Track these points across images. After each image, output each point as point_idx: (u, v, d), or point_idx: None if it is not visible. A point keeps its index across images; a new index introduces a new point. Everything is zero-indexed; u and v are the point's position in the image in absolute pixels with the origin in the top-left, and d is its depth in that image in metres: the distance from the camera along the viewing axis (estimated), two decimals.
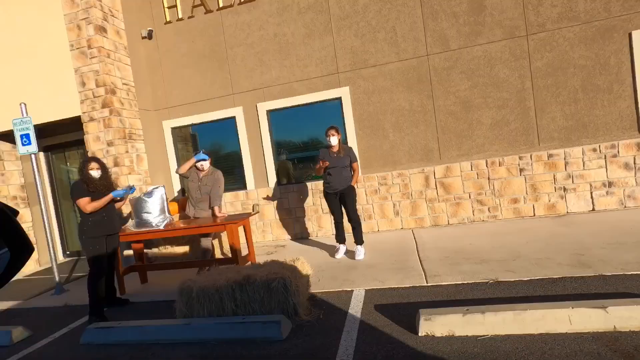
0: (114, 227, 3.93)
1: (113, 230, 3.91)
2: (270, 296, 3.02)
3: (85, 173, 3.78)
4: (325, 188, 4.57)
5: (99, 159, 3.99)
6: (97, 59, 5.52)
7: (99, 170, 3.85)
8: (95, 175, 3.80)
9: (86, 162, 3.85)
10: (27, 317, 4.19)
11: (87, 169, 3.80)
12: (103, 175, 3.87)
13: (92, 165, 3.82)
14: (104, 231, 3.81)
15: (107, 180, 3.92)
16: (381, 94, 5.59)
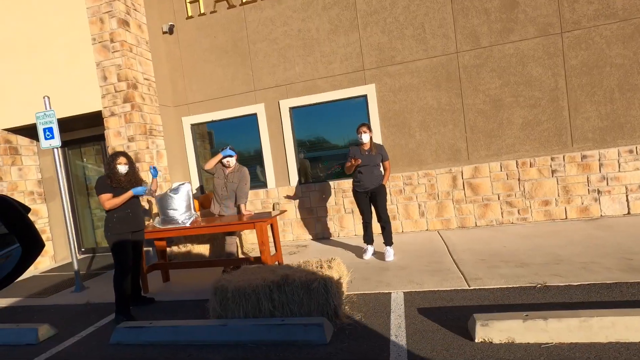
0: (139, 224, 3.80)
1: (138, 226, 3.79)
2: (309, 297, 2.90)
3: (112, 167, 3.67)
4: (355, 187, 4.45)
5: (128, 154, 3.88)
6: (120, 53, 5.43)
7: (127, 165, 3.73)
8: (122, 170, 3.69)
9: (115, 156, 3.74)
10: (49, 314, 4.09)
11: (115, 162, 3.69)
12: (130, 171, 3.75)
13: (120, 160, 3.72)
14: (129, 227, 3.69)
15: (134, 176, 3.79)
16: (408, 92, 5.47)
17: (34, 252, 0.65)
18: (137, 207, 3.82)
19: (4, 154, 6.15)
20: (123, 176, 3.69)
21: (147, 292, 4.29)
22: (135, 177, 3.81)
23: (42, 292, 4.97)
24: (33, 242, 0.66)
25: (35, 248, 0.65)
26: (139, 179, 3.86)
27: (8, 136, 6.25)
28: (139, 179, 3.86)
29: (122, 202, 3.63)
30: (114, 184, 3.64)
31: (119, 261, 3.63)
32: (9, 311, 4.35)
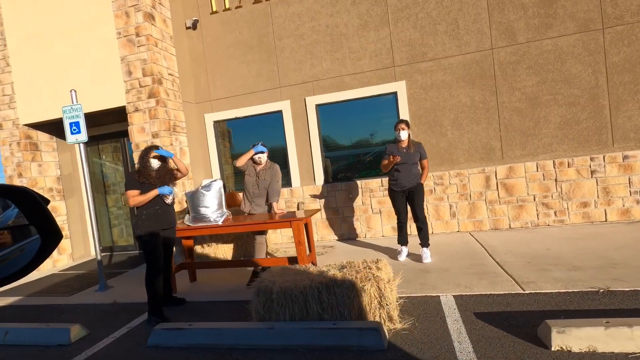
0: (169, 221, 3.62)
1: (169, 224, 3.61)
2: (360, 300, 2.74)
3: (145, 161, 3.51)
4: (392, 185, 4.30)
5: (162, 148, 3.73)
6: (145, 47, 5.32)
7: (159, 160, 3.59)
8: (154, 165, 3.52)
9: (148, 150, 3.58)
10: (75, 313, 3.96)
11: (148, 156, 3.53)
12: (162, 166, 3.58)
13: (154, 154, 3.56)
14: (159, 225, 3.50)
15: (165, 173, 3.59)
16: (440, 89, 5.32)
17: (53, 243, 0.65)
18: (167, 204, 3.64)
19: (24, 150, 6.05)
20: (154, 172, 3.52)
21: (174, 292, 4.15)
22: (167, 175, 3.62)
23: (65, 291, 4.84)
24: (52, 233, 0.66)
25: (54, 239, 0.65)
26: (170, 177, 3.65)
27: (29, 132, 6.15)
28: (170, 177, 3.65)
29: (146, 200, 3.45)
30: (142, 179, 3.46)
31: (149, 260, 3.48)
32: (33, 310, 4.23)
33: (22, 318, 3.97)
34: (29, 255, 0.65)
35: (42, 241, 0.66)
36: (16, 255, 0.66)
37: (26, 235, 0.67)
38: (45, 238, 0.66)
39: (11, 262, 0.66)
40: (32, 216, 0.66)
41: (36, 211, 0.66)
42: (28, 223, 0.66)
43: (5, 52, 5.95)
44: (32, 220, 0.66)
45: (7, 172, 6.15)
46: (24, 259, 0.65)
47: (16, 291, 5.09)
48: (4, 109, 6.06)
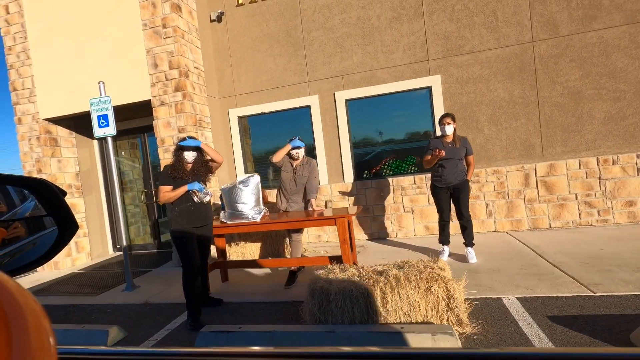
0: (203, 218, 3.36)
1: (203, 221, 3.36)
2: (426, 301, 2.56)
3: (179, 154, 3.29)
4: (436, 182, 4.11)
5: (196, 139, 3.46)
6: (172, 39, 5.15)
7: (195, 152, 3.33)
8: (189, 158, 3.29)
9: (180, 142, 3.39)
10: (106, 314, 3.78)
11: (183, 148, 3.31)
12: (197, 160, 3.35)
13: (187, 147, 3.31)
14: (192, 222, 3.28)
15: (201, 167, 3.35)
16: (477, 84, 5.13)
17: (70, 233, 0.67)
18: (203, 204, 3.37)
19: (44, 145, 5.89)
20: (189, 165, 3.31)
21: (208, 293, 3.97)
22: (202, 167, 3.38)
23: (90, 290, 4.66)
24: (69, 224, 0.67)
25: (71, 230, 0.67)
26: (205, 169, 3.40)
27: (48, 126, 5.98)
28: (205, 169, 3.40)
29: (176, 196, 3.22)
30: (175, 173, 3.25)
31: (184, 260, 3.27)
32: (61, 309, 4.05)
33: (52, 318, 3.79)
34: (46, 245, 0.66)
35: (59, 232, 0.67)
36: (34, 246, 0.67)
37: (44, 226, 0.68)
38: (62, 229, 0.67)
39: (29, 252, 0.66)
40: (50, 207, 0.67)
41: (54, 202, 0.66)
42: (46, 214, 0.67)
43: (25, 44, 5.79)
44: (50, 212, 0.67)
45: (25, 168, 5.98)
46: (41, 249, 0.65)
47: (39, 290, 4.91)
48: (24, 102, 5.90)
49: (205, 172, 3.40)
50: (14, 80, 5.91)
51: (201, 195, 3.29)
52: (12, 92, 5.95)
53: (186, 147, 3.28)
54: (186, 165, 3.31)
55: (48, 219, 0.67)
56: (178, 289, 4.29)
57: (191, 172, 3.31)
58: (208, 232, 3.50)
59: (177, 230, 3.26)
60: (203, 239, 3.46)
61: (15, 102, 5.94)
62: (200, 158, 3.37)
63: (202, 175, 3.36)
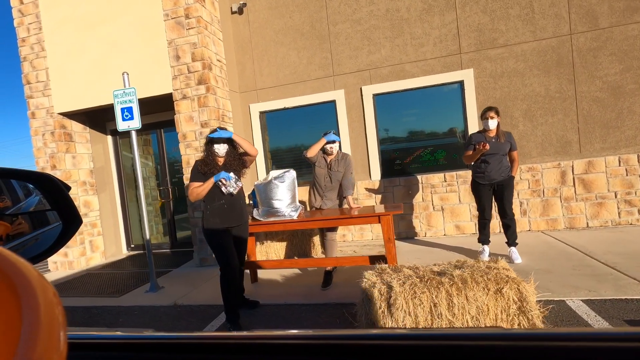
0: (237, 217, 3.12)
1: (237, 220, 3.12)
2: (496, 304, 2.38)
3: (209, 147, 3.05)
4: (478, 179, 3.93)
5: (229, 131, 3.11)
6: (195, 30, 4.95)
7: (226, 145, 3.05)
8: (220, 151, 3.02)
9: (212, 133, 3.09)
10: (133, 316, 3.58)
11: (213, 141, 3.05)
12: (230, 153, 3.06)
13: (218, 139, 3.02)
14: (225, 222, 3.04)
15: (235, 160, 3.07)
16: (511, 78, 4.96)
17: (74, 228, 0.67)
18: (234, 198, 3.10)
19: (58, 140, 5.67)
20: (220, 159, 3.05)
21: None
22: (236, 163, 3.07)
23: (111, 291, 4.46)
24: (73, 219, 0.67)
25: (74, 225, 0.67)
26: (239, 163, 3.10)
27: (63, 121, 5.77)
28: (239, 163, 3.10)
29: (204, 191, 2.97)
30: (205, 169, 3.00)
31: (219, 261, 3.05)
32: (84, 311, 3.84)
33: (77, 321, 3.59)
34: (50, 240, 0.66)
35: (63, 227, 0.67)
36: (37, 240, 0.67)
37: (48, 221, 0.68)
38: (66, 224, 0.67)
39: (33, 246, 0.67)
40: (54, 202, 0.68)
41: (58, 197, 0.67)
42: (50, 208, 0.68)
43: (40, 35, 5.58)
44: (54, 206, 0.68)
45: (39, 164, 5.77)
46: (45, 244, 0.66)
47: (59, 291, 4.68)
48: (38, 96, 5.68)
49: (239, 167, 3.13)
50: (27, 72, 5.70)
51: (230, 184, 2.98)
52: (25, 85, 5.74)
53: (216, 139, 3.01)
54: (217, 159, 3.06)
55: (52, 213, 0.68)
56: (206, 290, 4.10)
57: (223, 167, 3.05)
58: (243, 232, 3.25)
59: (210, 230, 3.04)
60: (238, 239, 3.20)
61: (28, 95, 5.73)
62: (232, 151, 3.10)
63: (235, 170, 3.08)
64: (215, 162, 3.06)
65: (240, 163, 3.16)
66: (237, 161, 3.13)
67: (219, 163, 3.07)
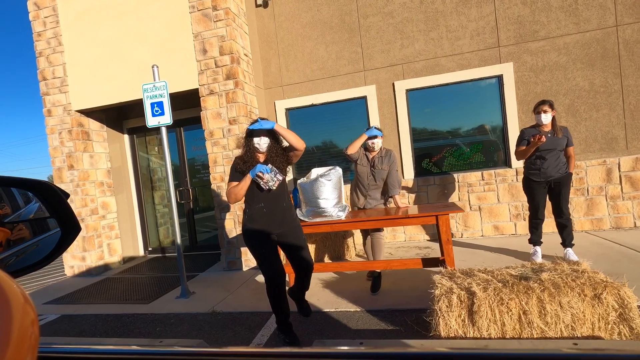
0: (280, 222, 2.69)
1: (280, 225, 2.69)
2: (592, 311, 2.16)
3: (248, 141, 2.65)
4: (531, 175, 3.72)
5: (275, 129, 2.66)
6: (224, 23, 4.72)
7: (268, 139, 2.64)
8: (261, 146, 2.61)
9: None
10: (170, 325, 3.33)
11: (252, 136, 2.64)
12: (271, 147, 2.64)
13: (259, 131, 2.62)
14: (265, 227, 2.65)
15: (278, 156, 2.65)
16: (553, 72, 4.77)
17: (72, 235, 0.67)
18: (275, 201, 2.67)
19: (76, 139, 5.42)
20: (260, 155, 2.67)
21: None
22: (279, 160, 2.65)
23: (139, 298, 4.21)
24: (72, 226, 0.68)
25: (73, 232, 0.68)
26: (282, 160, 2.67)
27: (80, 119, 5.52)
28: (282, 160, 2.67)
29: (240, 190, 2.58)
30: (244, 167, 2.62)
31: (260, 269, 2.75)
32: (116, 320, 3.59)
33: (110, 331, 3.34)
34: (50, 247, 0.66)
35: (62, 234, 0.67)
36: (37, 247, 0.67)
37: (48, 228, 0.68)
38: (65, 231, 0.67)
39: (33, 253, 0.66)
40: (53, 209, 0.68)
41: (57, 204, 0.67)
42: (49, 216, 0.68)
43: (57, 29, 5.34)
44: (53, 213, 0.68)
45: (55, 164, 5.51)
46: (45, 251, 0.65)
47: (79, 298, 4.45)
48: (54, 93, 5.43)
49: (282, 164, 2.68)
50: (43, 68, 5.45)
51: (269, 177, 2.52)
52: (40, 81, 5.49)
53: (257, 131, 2.60)
54: (257, 155, 2.67)
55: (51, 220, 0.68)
56: (243, 295, 3.87)
57: (266, 163, 2.65)
58: (293, 238, 2.74)
59: (247, 235, 2.70)
60: (288, 247, 2.76)
61: (44, 92, 5.48)
62: (275, 145, 2.67)
63: (279, 168, 2.64)
64: (255, 159, 2.67)
65: (285, 159, 2.71)
66: (281, 157, 2.69)
67: (260, 160, 2.69)
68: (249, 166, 2.62)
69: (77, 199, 5.40)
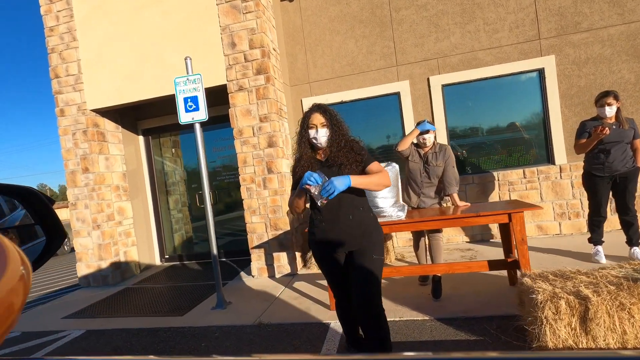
0: (343, 239, 2.04)
1: (341, 243, 2.05)
2: None
3: (303, 132, 2.10)
4: (594, 170, 3.50)
5: (329, 108, 2.11)
6: (254, 15, 4.47)
7: (327, 129, 2.04)
8: (319, 139, 2.03)
9: (307, 114, 2.10)
10: (216, 340, 3.01)
11: (306, 122, 2.07)
12: (332, 139, 2.04)
13: (314, 119, 2.04)
14: (324, 241, 2.09)
15: (339, 152, 2.03)
16: (597, 64, 4.60)
17: (57, 243, 0.66)
18: (336, 212, 2.03)
19: (91, 140, 5.09)
20: (319, 150, 2.11)
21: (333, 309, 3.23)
22: (342, 154, 2.02)
23: (169, 309, 3.88)
24: (57, 233, 0.67)
25: (58, 239, 0.67)
26: (350, 159, 2.02)
27: (96, 119, 5.19)
28: (350, 159, 2.02)
29: (296, 204, 2.07)
30: (297, 169, 2.10)
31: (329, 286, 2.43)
32: (150, 335, 3.26)
33: (150, 347, 3.01)
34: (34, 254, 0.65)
35: (47, 241, 0.66)
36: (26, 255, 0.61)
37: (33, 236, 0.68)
38: (50, 238, 0.66)
39: None
40: (39, 216, 0.67)
41: (42, 211, 0.67)
42: (34, 223, 0.67)
43: (71, 24, 5.03)
44: (37, 220, 0.67)
45: (68, 167, 5.16)
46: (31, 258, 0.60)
47: (102, 311, 4.10)
48: (68, 91, 5.10)
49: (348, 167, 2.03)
50: (55, 65, 5.12)
51: (316, 189, 1.86)
52: (53, 79, 5.15)
53: (313, 116, 2.08)
54: (308, 148, 2.10)
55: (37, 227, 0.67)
56: (286, 304, 3.57)
57: (321, 163, 2.11)
58: (361, 260, 2.03)
59: (309, 246, 2.24)
60: (352, 272, 2.07)
61: (57, 91, 5.14)
62: (337, 138, 2.05)
63: (344, 165, 2.02)
64: (305, 152, 2.09)
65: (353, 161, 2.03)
66: (347, 155, 2.03)
67: (318, 158, 2.11)
68: (303, 168, 2.07)
69: (92, 204, 5.05)
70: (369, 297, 2.01)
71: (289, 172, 4.85)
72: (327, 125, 2.05)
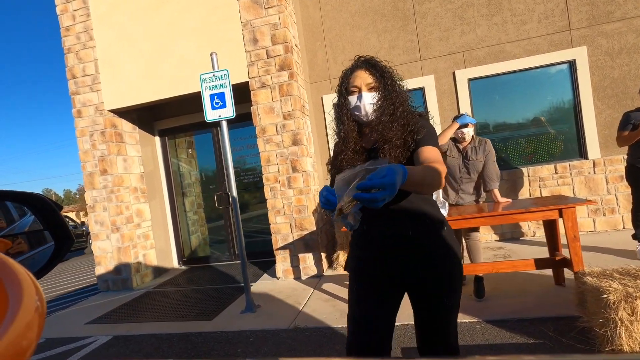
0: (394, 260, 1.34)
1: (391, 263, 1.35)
2: None
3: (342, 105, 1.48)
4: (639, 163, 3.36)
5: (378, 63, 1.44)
6: (276, 9, 4.35)
7: (375, 92, 1.38)
8: (363, 109, 1.38)
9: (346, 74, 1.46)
10: (252, 345, 2.88)
11: (347, 85, 1.43)
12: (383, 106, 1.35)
13: (356, 79, 1.40)
14: (362, 255, 1.42)
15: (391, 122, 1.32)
16: (631, 55, 4.44)
17: (65, 248, 0.68)
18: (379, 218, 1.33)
19: (109, 141, 4.98)
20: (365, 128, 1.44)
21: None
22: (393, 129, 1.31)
23: (197, 313, 3.75)
24: (65, 238, 0.68)
25: (66, 244, 0.68)
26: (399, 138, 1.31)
27: (114, 119, 5.09)
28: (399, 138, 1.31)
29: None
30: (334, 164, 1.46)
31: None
32: (182, 340, 3.14)
33: (183, 354, 2.88)
34: (43, 259, 0.66)
35: (56, 246, 0.67)
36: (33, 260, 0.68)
37: (42, 241, 0.69)
38: (59, 243, 0.68)
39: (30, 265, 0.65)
40: (47, 222, 0.69)
41: (50, 216, 0.68)
42: (43, 228, 0.69)
43: (88, 23, 4.93)
44: (46, 226, 0.69)
45: (86, 169, 5.06)
46: (39, 264, 0.66)
47: (126, 316, 3.98)
48: (85, 91, 5.01)
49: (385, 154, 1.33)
50: (72, 65, 5.03)
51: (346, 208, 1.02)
52: (69, 79, 5.06)
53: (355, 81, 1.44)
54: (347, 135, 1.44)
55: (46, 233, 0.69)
56: (319, 307, 3.44)
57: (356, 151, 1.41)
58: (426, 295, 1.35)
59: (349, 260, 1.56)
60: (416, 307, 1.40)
61: (73, 91, 5.05)
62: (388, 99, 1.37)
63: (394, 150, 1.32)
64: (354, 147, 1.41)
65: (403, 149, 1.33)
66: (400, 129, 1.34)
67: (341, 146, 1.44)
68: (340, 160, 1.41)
69: (111, 207, 4.95)
70: (445, 339, 1.40)
71: (313, 171, 4.74)
72: (377, 88, 1.37)
